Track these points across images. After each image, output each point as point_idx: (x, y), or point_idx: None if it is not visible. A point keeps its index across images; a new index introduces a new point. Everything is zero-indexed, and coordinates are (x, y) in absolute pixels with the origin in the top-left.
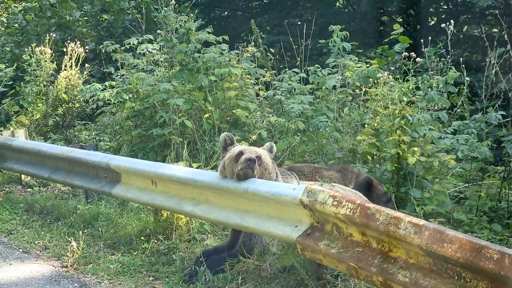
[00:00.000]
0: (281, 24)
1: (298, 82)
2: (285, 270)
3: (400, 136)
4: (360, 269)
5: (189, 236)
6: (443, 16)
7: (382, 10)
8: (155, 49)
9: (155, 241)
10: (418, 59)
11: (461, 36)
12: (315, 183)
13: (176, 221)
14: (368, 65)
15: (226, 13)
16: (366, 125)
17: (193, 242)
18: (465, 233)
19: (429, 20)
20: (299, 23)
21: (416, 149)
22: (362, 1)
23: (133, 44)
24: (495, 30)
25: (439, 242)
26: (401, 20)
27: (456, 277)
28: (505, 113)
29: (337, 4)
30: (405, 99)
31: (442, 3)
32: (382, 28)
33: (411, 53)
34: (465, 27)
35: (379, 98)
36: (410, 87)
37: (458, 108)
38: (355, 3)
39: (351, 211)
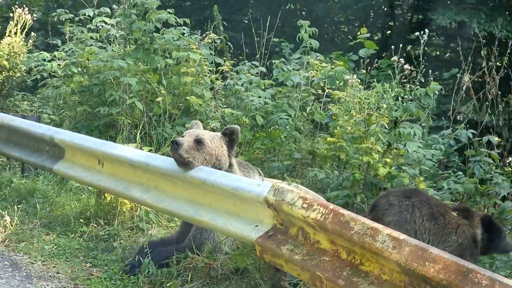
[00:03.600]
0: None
1: (256, 76)
2: (238, 272)
3: (372, 144)
4: (326, 280)
5: (132, 224)
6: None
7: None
8: (111, 24)
9: (95, 225)
10: (406, 66)
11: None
12: (282, 182)
13: (119, 206)
14: (333, 66)
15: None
16: (338, 127)
17: (136, 230)
18: None
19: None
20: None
21: (389, 160)
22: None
23: (88, 15)
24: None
25: (421, 260)
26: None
27: None
28: (475, 132)
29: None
30: (384, 105)
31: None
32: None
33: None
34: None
35: (355, 100)
36: (382, 94)
37: (423, 123)
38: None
39: (323, 216)
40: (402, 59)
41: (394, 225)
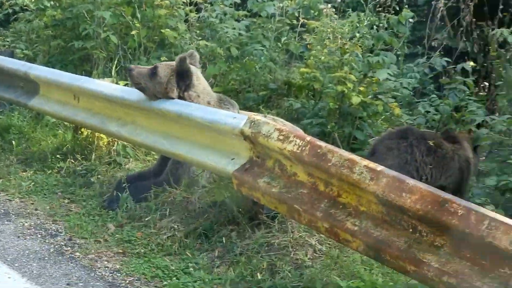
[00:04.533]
0: None
1: (230, 7)
2: (215, 205)
3: (347, 73)
4: (304, 212)
5: (109, 159)
6: None
7: None
8: None
9: (72, 160)
10: None
11: None
12: (258, 114)
13: (96, 141)
14: None
15: None
16: (311, 58)
17: (113, 165)
18: None
19: None
20: None
21: (362, 89)
22: None
23: None
24: None
25: (398, 191)
26: None
27: (411, 230)
28: (450, 60)
29: None
30: (357, 35)
31: None
32: None
33: None
34: None
35: (327, 30)
36: (356, 24)
37: (398, 51)
38: None
39: (299, 148)
40: None
41: (396, 168)
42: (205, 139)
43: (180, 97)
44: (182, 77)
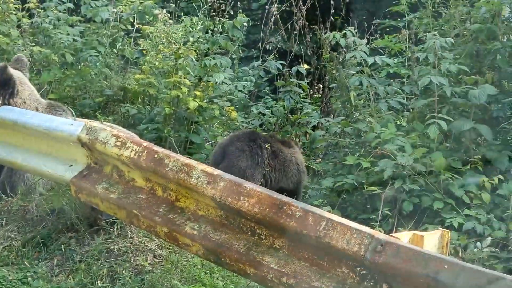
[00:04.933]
0: None
1: (64, 12)
2: (53, 213)
3: (181, 77)
4: (143, 217)
5: None
6: None
7: None
8: None
9: None
10: None
11: None
12: (95, 121)
13: None
14: (142, 1)
15: None
16: (146, 63)
17: None
18: None
19: None
20: None
21: (198, 93)
22: None
23: None
24: None
25: (235, 195)
26: None
27: (250, 233)
28: (284, 63)
29: None
30: (191, 39)
31: None
32: None
33: None
34: None
35: (161, 35)
36: (189, 28)
37: (233, 54)
38: None
39: (136, 154)
40: None
41: (250, 169)
42: (42, 147)
43: (4, 104)
44: (4, 85)
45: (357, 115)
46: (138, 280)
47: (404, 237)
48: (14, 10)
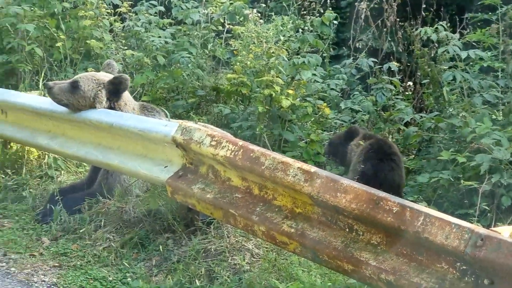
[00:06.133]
0: None
1: (155, 15)
2: (150, 214)
3: (274, 76)
4: (240, 217)
5: (40, 172)
6: None
7: None
8: None
9: (3, 175)
10: None
11: None
12: (189, 121)
13: (26, 154)
14: (232, 2)
15: None
16: (238, 63)
17: (45, 178)
18: None
19: None
20: None
21: (291, 91)
22: None
23: None
24: None
25: (332, 191)
26: None
27: (347, 230)
28: (376, 60)
29: None
30: (282, 38)
31: None
32: None
33: None
34: None
35: (252, 35)
36: (280, 27)
37: (323, 53)
38: None
39: (232, 153)
40: None
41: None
42: (138, 148)
43: (110, 108)
44: (117, 92)
45: (451, 110)
46: (236, 279)
47: (504, 231)
48: (106, 15)
